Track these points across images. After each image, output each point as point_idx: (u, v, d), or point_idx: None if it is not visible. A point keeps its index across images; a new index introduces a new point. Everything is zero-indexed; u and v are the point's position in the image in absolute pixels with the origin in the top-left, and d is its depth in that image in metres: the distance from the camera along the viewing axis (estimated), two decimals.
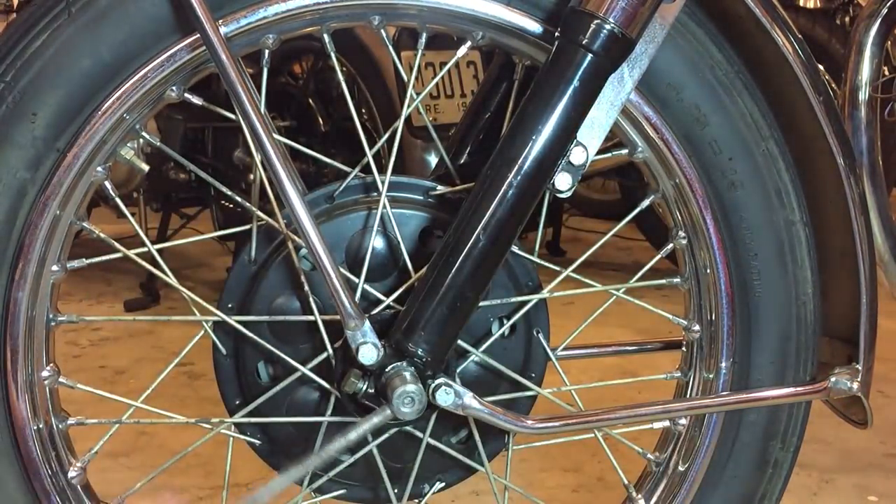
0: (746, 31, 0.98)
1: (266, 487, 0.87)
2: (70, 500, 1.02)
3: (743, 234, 1.03)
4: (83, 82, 0.93)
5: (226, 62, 0.89)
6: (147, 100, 0.96)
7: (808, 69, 0.98)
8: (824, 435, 2.00)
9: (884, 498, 1.84)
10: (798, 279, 1.05)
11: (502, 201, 0.91)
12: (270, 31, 0.96)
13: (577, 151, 0.94)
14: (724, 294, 1.04)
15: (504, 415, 0.98)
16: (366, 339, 0.93)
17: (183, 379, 2.28)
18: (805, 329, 1.06)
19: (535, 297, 1.04)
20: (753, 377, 1.07)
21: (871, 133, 1.51)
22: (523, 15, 0.96)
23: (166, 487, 1.76)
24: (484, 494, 1.73)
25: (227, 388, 1.05)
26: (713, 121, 1.00)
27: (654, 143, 1.01)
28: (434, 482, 1.09)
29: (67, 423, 1.04)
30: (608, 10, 0.88)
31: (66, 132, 0.93)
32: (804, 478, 1.87)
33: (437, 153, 2.37)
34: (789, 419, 1.09)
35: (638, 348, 1.28)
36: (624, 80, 0.94)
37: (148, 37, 0.93)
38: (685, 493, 1.09)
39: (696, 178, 1.02)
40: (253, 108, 0.90)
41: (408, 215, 1.03)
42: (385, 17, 0.98)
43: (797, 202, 1.03)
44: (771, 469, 1.09)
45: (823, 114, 0.99)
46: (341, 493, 1.08)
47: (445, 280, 0.92)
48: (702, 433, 1.08)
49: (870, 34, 1.51)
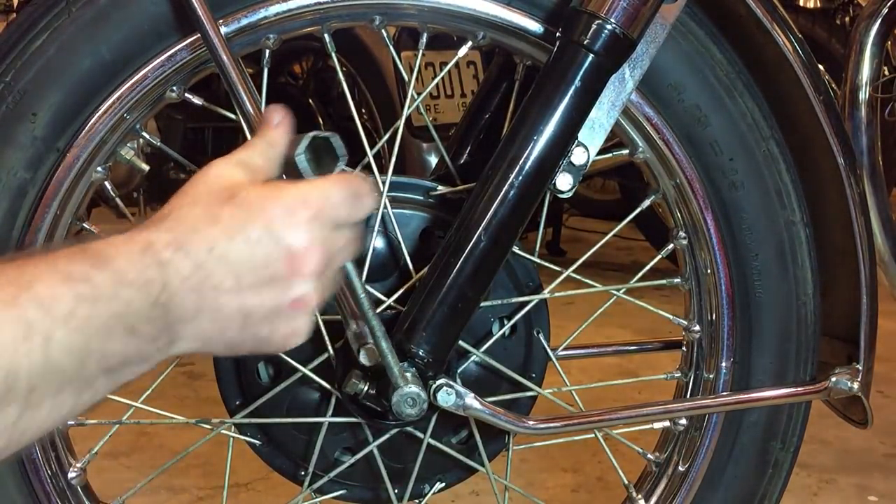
0: (747, 31, 0.98)
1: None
2: (70, 501, 1.02)
3: (743, 235, 1.03)
4: (83, 82, 0.93)
5: (226, 62, 0.89)
6: (147, 100, 0.96)
7: (808, 69, 0.98)
8: (824, 435, 2.00)
9: (884, 498, 1.84)
10: (798, 279, 1.05)
11: (503, 202, 0.91)
12: (271, 30, 0.96)
13: (578, 152, 0.94)
14: (724, 294, 1.04)
15: (505, 415, 0.98)
16: (367, 339, 0.93)
17: (183, 379, 2.28)
18: (805, 329, 1.06)
19: (535, 297, 1.04)
20: (753, 377, 1.07)
21: (871, 133, 1.51)
22: (524, 15, 0.96)
23: (166, 487, 1.76)
24: (484, 494, 1.72)
25: (228, 389, 1.04)
26: (714, 121, 1.00)
27: (655, 144, 1.01)
28: (434, 482, 1.09)
29: (67, 424, 1.03)
30: (609, 11, 0.88)
31: (66, 132, 0.93)
32: (804, 478, 1.87)
33: (437, 153, 2.37)
34: (789, 419, 1.09)
35: (638, 348, 1.28)
36: (625, 80, 0.94)
37: (148, 37, 0.93)
38: (685, 494, 1.09)
39: (696, 178, 1.02)
40: (253, 108, 0.90)
41: (408, 215, 1.03)
42: (385, 17, 0.98)
43: (797, 202, 1.03)
44: (771, 469, 1.09)
45: (824, 114, 0.99)
46: (342, 493, 1.08)
47: (446, 281, 0.92)
48: (702, 433, 1.08)
49: (870, 34, 1.51)
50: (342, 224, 0.69)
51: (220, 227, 0.65)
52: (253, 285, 0.65)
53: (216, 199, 0.66)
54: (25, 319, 0.55)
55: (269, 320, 0.66)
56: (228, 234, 0.65)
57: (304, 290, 0.67)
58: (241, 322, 0.65)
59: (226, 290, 0.64)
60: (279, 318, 0.67)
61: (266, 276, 0.65)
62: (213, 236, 0.64)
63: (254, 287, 0.65)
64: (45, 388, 0.56)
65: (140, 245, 0.62)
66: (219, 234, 0.64)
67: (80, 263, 0.59)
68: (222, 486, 1.10)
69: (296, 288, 0.66)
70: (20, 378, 0.55)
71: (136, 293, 0.61)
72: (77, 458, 1.04)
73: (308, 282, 0.66)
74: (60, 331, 0.56)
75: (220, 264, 0.64)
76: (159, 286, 0.62)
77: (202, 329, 0.65)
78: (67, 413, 0.60)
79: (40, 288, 0.57)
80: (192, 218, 0.65)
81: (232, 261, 0.64)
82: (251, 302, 0.65)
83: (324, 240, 0.67)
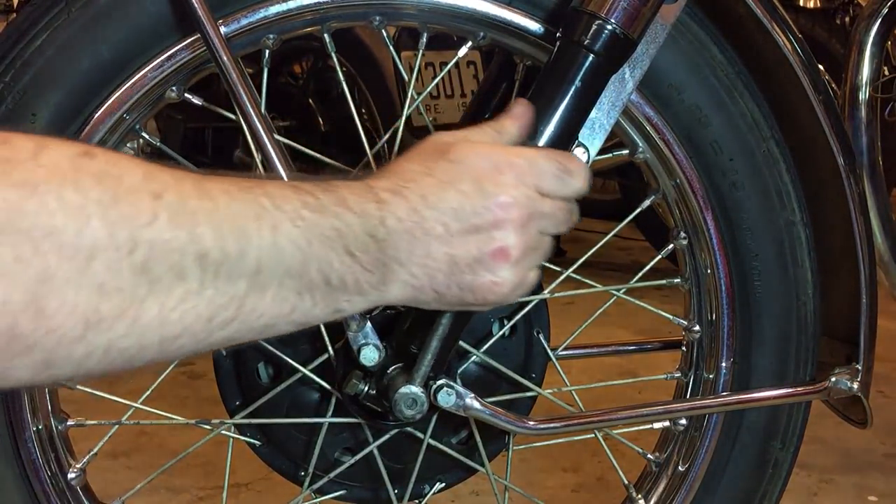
0: (747, 31, 0.98)
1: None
2: (70, 502, 1.02)
3: (743, 235, 1.03)
4: (83, 82, 0.93)
5: (226, 62, 0.89)
6: (147, 100, 0.95)
7: (808, 69, 0.98)
8: (824, 435, 2.00)
9: (884, 498, 1.84)
10: (798, 279, 1.05)
11: None
12: (271, 31, 0.96)
13: (579, 152, 0.94)
14: (724, 294, 1.04)
15: (505, 415, 0.98)
16: (367, 340, 0.93)
17: (183, 379, 2.28)
18: (805, 329, 1.06)
19: (535, 297, 1.04)
20: (753, 377, 1.07)
21: (871, 133, 1.51)
22: (524, 15, 0.96)
23: (166, 487, 1.76)
24: (484, 494, 1.72)
25: (227, 389, 1.04)
26: (714, 121, 1.00)
27: (655, 144, 1.01)
28: (434, 482, 1.09)
29: (67, 425, 1.03)
30: (610, 11, 0.87)
31: (66, 132, 0.93)
32: (804, 478, 1.87)
33: None
34: (789, 419, 1.09)
35: (638, 348, 1.28)
36: (625, 80, 0.94)
37: (148, 37, 0.93)
38: (685, 493, 1.09)
39: (696, 178, 1.01)
40: (253, 108, 0.90)
41: None
42: (385, 17, 0.98)
43: (797, 202, 1.03)
44: (771, 469, 1.09)
45: (823, 114, 0.99)
46: (342, 493, 1.08)
47: None
48: (702, 433, 1.08)
49: (870, 34, 1.51)
50: (548, 194, 0.75)
51: (433, 179, 0.72)
52: (460, 233, 0.71)
53: (431, 155, 0.74)
54: (258, 203, 0.61)
55: (472, 269, 0.72)
56: (441, 185, 0.71)
57: (505, 241, 0.72)
58: (448, 269, 0.71)
59: (436, 235, 0.71)
60: (481, 267, 0.72)
61: (471, 225, 0.71)
62: (427, 186, 0.71)
63: (460, 234, 0.71)
64: (269, 273, 0.61)
65: (362, 184, 0.70)
66: (432, 184, 0.71)
67: (308, 184, 0.66)
68: (222, 486, 1.10)
69: (497, 239, 0.72)
70: (249, 253, 0.60)
71: (356, 219, 0.67)
72: (77, 458, 1.04)
73: (508, 234, 0.72)
74: (287, 224, 0.62)
75: (432, 211, 0.71)
76: (377, 220, 0.68)
77: (413, 273, 0.70)
78: (288, 313, 0.64)
79: (272, 188, 0.63)
80: (410, 171, 0.72)
81: (442, 209, 0.71)
82: (458, 249, 0.71)
83: (528, 199, 0.73)
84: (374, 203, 0.69)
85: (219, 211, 0.59)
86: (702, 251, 1.04)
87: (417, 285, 0.71)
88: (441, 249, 0.71)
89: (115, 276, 0.54)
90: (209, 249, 0.58)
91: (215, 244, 0.58)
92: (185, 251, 0.56)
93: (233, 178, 0.62)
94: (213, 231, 0.58)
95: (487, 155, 0.74)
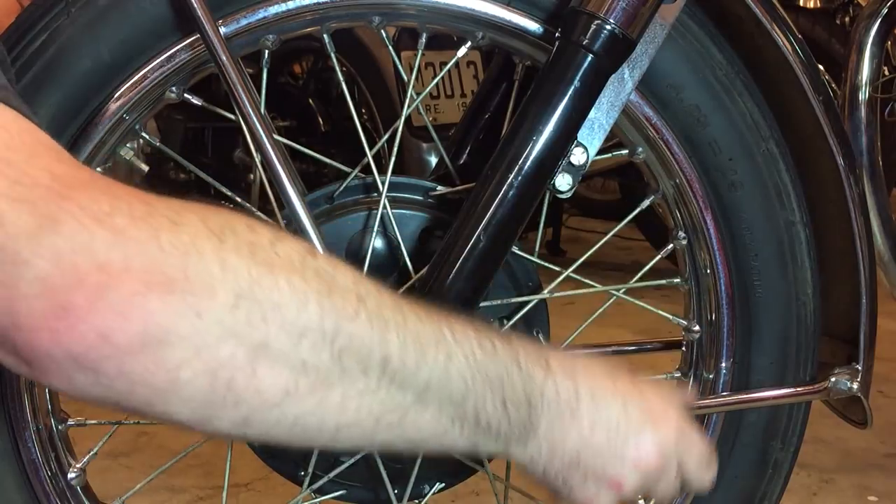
0: (747, 31, 0.98)
1: None
2: (70, 502, 1.02)
3: (743, 235, 1.03)
4: (83, 82, 0.93)
5: (226, 62, 0.89)
6: (147, 100, 0.95)
7: (808, 69, 0.98)
8: (824, 435, 2.00)
9: (884, 498, 1.84)
10: (798, 279, 1.05)
11: (502, 202, 0.91)
12: (270, 31, 0.96)
13: (578, 152, 0.94)
14: (724, 294, 1.04)
15: None
16: None
17: None
18: (805, 329, 1.06)
19: (535, 297, 1.04)
20: (753, 377, 1.07)
21: (871, 133, 1.51)
22: (523, 15, 0.96)
23: (166, 487, 1.76)
24: (484, 494, 1.72)
25: None
26: (713, 121, 1.00)
27: (655, 144, 1.01)
28: (434, 482, 1.09)
29: (67, 425, 1.03)
30: (609, 11, 0.87)
31: (66, 132, 0.93)
32: (804, 478, 1.87)
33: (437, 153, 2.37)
34: (789, 419, 1.09)
35: (638, 348, 1.28)
36: (624, 80, 0.94)
37: (148, 37, 0.93)
38: (685, 493, 1.09)
39: (696, 178, 1.01)
40: (253, 108, 0.90)
41: (408, 216, 1.03)
42: (385, 18, 0.98)
43: (797, 202, 1.03)
44: (771, 469, 1.09)
45: (823, 114, 0.99)
46: (341, 493, 1.08)
47: (446, 281, 0.92)
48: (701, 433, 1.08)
49: (870, 34, 1.51)
50: (682, 468, 0.78)
51: (610, 388, 0.74)
52: (598, 444, 0.73)
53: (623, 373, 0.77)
54: (441, 332, 0.66)
55: (586, 477, 0.74)
56: (614, 394, 0.74)
57: (628, 479, 0.75)
58: (569, 463, 0.73)
59: (580, 429, 0.72)
60: (595, 482, 0.74)
61: (613, 445, 0.74)
62: (601, 386, 0.74)
63: (598, 446, 0.73)
64: (435, 393, 0.65)
65: (539, 350, 0.73)
66: (606, 387, 0.74)
67: (489, 331, 0.70)
68: (222, 486, 1.10)
69: (624, 471, 0.74)
70: (422, 370, 0.64)
71: (520, 376, 0.70)
72: (77, 458, 1.04)
73: (634, 475, 0.75)
74: (460, 356, 0.66)
75: (592, 407, 0.73)
76: (538, 385, 0.71)
77: (540, 447, 0.72)
78: (440, 434, 0.67)
79: (455, 324, 0.68)
80: (593, 365, 0.76)
81: (601, 412, 0.73)
82: (588, 453, 0.73)
83: (668, 461, 0.76)
84: (542, 370, 0.71)
85: (407, 326, 0.64)
86: (701, 251, 1.04)
87: (536, 458, 0.73)
88: (576, 444, 0.73)
89: (316, 356, 0.60)
90: (392, 355, 0.63)
91: (398, 352, 0.63)
92: (374, 350, 0.62)
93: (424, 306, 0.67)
94: (399, 341, 0.63)
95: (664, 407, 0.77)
